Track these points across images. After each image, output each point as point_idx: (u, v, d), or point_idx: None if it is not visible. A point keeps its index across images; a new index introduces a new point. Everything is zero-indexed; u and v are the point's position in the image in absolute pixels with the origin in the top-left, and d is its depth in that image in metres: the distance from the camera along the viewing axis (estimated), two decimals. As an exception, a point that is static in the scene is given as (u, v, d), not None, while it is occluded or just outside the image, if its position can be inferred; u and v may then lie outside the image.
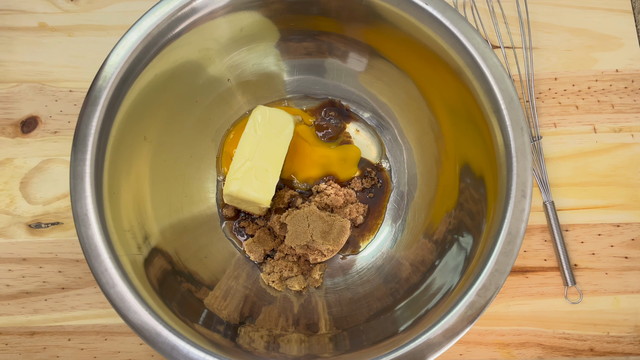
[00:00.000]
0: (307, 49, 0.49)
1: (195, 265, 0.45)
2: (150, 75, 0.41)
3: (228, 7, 0.41)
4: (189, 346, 0.35)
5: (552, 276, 0.50)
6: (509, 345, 0.48)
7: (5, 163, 0.52)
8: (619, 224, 0.51)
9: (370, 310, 0.44)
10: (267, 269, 0.48)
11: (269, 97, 0.52)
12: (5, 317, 0.49)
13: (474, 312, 0.35)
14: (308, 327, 0.44)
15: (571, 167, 0.52)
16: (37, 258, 0.50)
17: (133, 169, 0.42)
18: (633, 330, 0.48)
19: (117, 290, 0.36)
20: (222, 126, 0.51)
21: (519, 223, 0.36)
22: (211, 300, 0.43)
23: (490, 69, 0.39)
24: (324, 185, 0.49)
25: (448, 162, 0.46)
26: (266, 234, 0.49)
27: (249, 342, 0.40)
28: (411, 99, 0.48)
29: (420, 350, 0.35)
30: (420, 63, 0.44)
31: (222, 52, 0.46)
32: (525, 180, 0.37)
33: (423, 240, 0.47)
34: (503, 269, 0.36)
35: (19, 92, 0.54)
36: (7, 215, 0.51)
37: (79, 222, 0.36)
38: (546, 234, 0.51)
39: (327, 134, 0.51)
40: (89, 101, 0.38)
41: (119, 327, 0.49)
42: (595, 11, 0.56)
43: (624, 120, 0.53)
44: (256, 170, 0.46)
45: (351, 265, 0.49)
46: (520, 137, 0.38)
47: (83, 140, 0.37)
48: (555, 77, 0.54)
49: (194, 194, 0.49)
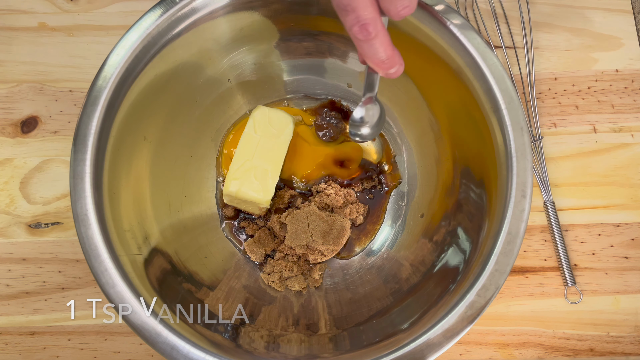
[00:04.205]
0: (307, 49, 0.49)
1: (195, 265, 0.45)
2: (150, 75, 0.41)
3: (228, 7, 0.41)
4: (189, 346, 0.35)
5: (552, 276, 0.50)
6: (509, 345, 0.48)
7: (5, 163, 0.52)
8: (619, 224, 0.51)
9: (370, 310, 0.44)
10: (267, 269, 0.48)
11: (269, 97, 0.52)
12: (5, 317, 0.49)
13: (474, 312, 0.35)
14: (308, 327, 0.44)
15: (571, 167, 0.52)
16: (37, 258, 0.50)
17: (133, 169, 0.42)
18: (633, 330, 0.48)
19: (117, 290, 0.36)
20: (222, 126, 0.51)
21: (519, 223, 0.36)
22: (211, 301, 0.43)
23: (490, 69, 0.39)
24: (324, 185, 0.49)
25: (448, 162, 0.46)
26: (266, 234, 0.49)
27: (249, 342, 0.40)
28: (411, 99, 0.48)
29: (420, 350, 0.35)
30: (420, 63, 0.44)
31: (222, 52, 0.46)
32: (525, 180, 0.37)
33: (423, 241, 0.47)
34: (503, 269, 0.36)
35: (19, 92, 0.54)
36: (7, 215, 0.51)
37: (79, 222, 0.36)
38: (546, 234, 0.51)
39: (327, 134, 0.51)
40: (89, 101, 0.38)
41: (119, 327, 0.49)
42: (595, 11, 0.56)
43: (624, 120, 0.53)
44: (256, 170, 0.46)
45: (351, 265, 0.50)
46: (520, 137, 0.38)
47: (83, 140, 0.37)
48: (555, 77, 0.54)
49: (194, 194, 0.49)
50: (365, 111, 0.41)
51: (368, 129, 0.43)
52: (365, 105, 0.41)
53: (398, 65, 0.35)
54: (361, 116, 0.41)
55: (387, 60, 0.34)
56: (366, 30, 0.32)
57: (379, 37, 0.32)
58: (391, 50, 0.34)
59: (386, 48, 0.33)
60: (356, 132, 0.43)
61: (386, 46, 0.33)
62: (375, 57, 0.34)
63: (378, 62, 0.34)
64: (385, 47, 0.33)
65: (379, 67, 0.35)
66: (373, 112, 0.42)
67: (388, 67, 0.34)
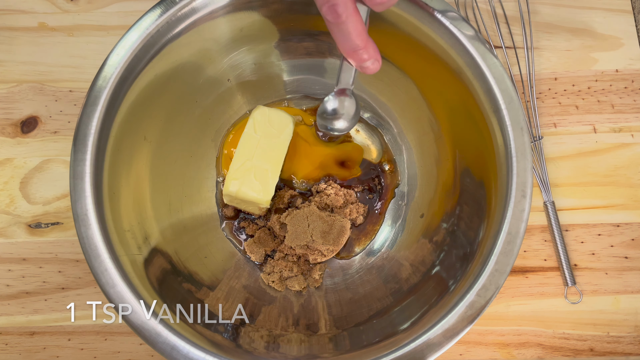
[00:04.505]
0: (307, 49, 0.49)
1: (195, 265, 0.45)
2: (150, 75, 0.41)
3: (228, 7, 0.41)
4: (189, 346, 0.35)
5: (552, 276, 0.50)
6: (509, 345, 0.48)
7: (5, 163, 0.52)
8: (619, 224, 0.51)
9: (370, 310, 0.44)
10: (267, 269, 0.48)
11: (269, 97, 0.52)
12: (5, 317, 0.49)
13: (474, 312, 0.35)
14: (308, 327, 0.44)
15: (571, 167, 0.52)
16: (37, 258, 0.50)
17: (133, 169, 0.42)
18: (633, 330, 0.48)
19: (117, 290, 0.36)
20: (222, 126, 0.51)
21: (519, 223, 0.36)
22: (211, 301, 0.43)
23: (490, 69, 0.39)
24: (324, 185, 0.49)
25: (448, 162, 0.46)
26: (266, 234, 0.49)
27: (249, 342, 0.40)
28: (411, 99, 0.48)
29: (420, 350, 0.35)
30: (420, 63, 0.44)
31: (222, 52, 0.46)
32: (525, 180, 0.37)
33: (423, 241, 0.47)
34: (503, 269, 0.36)
35: (19, 92, 0.54)
36: (7, 215, 0.51)
37: (79, 222, 0.36)
38: (546, 234, 0.51)
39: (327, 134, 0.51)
40: (89, 101, 0.38)
41: (119, 327, 0.49)
42: (595, 11, 0.56)
43: (624, 120, 0.53)
44: (256, 170, 0.46)
45: (351, 265, 0.50)
46: (520, 137, 0.38)
47: (83, 140, 0.37)
48: (555, 77, 0.54)
49: (193, 194, 0.49)
50: (339, 103, 0.39)
51: (343, 122, 0.40)
52: (339, 97, 0.39)
53: (373, 59, 0.33)
54: (334, 108, 0.39)
55: (359, 50, 0.32)
56: (335, 12, 0.31)
57: (350, 21, 0.31)
58: (364, 40, 0.32)
59: (358, 35, 0.31)
60: (326, 124, 0.40)
61: (358, 33, 0.31)
62: (345, 44, 0.32)
63: (349, 51, 0.32)
64: (357, 34, 0.31)
65: (350, 57, 0.33)
66: (348, 105, 0.40)
67: (360, 58, 0.32)
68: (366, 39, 0.32)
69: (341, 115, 0.40)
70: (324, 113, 0.40)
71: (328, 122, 0.40)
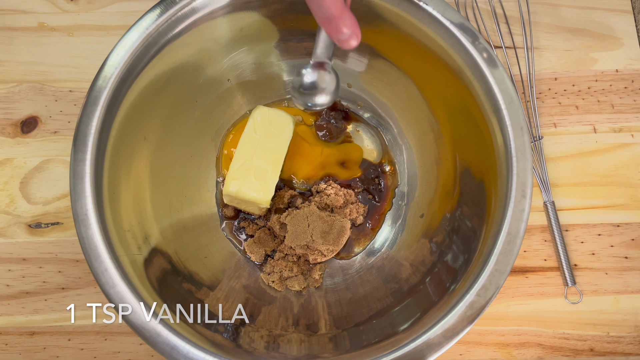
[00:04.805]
0: (307, 49, 0.49)
1: (195, 265, 0.45)
2: (150, 75, 0.41)
3: (228, 7, 0.41)
4: (189, 346, 0.35)
5: (552, 276, 0.50)
6: (509, 345, 0.48)
7: (5, 163, 0.52)
8: (619, 224, 0.51)
9: (370, 310, 0.44)
10: (267, 269, 0.48)
11: (269, 97, 0.52)
12: (5, 317, 0.49)
13: (474, 312, 0.35)
14: (308, 327, 0.44)
15: (571, 167, 0.52)
16: (37, 258, 0.50)
17: (133, 169, 0.42)
18: (633, 330, 0.48)
19: (117, 291, 0.36)
20: (222, 126, 0.51)
21: (519, 223, 0.36)
22: (211, 301, 0.43)
23: (490, 69, 0.39)
24: (324, 185, 0.49)
25: (448, 162, 0.46)
26: (266, 234, 0.49)
27: (249, 342, 0.40)
28: (411, 99, 0.48)
29: (420, 350, 0.35)
30: (420, 63, 0.44)
31: (222, 52, 0.46)
32: (525, 180, 0.37)
33: (423, 241, 0.47)
34: (503, 269, 0.36)
35: (19, 92, 0.54)
36: (7, 215, 0.51)
37: (79, 222, 0.36)
38: (546, 234, 0.51)
39: (327, 134, 0.51)
40: (89, 101, 0.38)
41: (119, 327, 0.49)
42: (595, 11, 0.56)
43: (624, 120, 0.53)
44: (256, 170, 0.46)
45: (351, 265, 0.50)
46: (520, 137, 0.38)
47: (83, 140, 0.37)
48: (555, 77, 0.54)
49: (194, 194, 0.49)
50: (318, 76, 0.37)
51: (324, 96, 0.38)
52: (317, 71, 0.37)
53: (351, 32, 0.31)
54: (312, 81, 0.37)
55: (335, 21, 0.30)
56: None
57: None
58: (338, 9, 0.30)
59: (332, 3, 0.30)
60: (306, 100, 0.38)
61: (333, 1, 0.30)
62: (320, 13, 0.30)
63: (324, 20, 0.30)
64: (331, 2, 0.30)
65: (325, 26, 0.31)
66: (329, 79, 0.38)
67: (335, 28, 0.31)
68: (341, 8, 0.30)
69: (322, 90, 0.38)
70: (301, 87, 0.38)
71: (307, 98, 0.38)
